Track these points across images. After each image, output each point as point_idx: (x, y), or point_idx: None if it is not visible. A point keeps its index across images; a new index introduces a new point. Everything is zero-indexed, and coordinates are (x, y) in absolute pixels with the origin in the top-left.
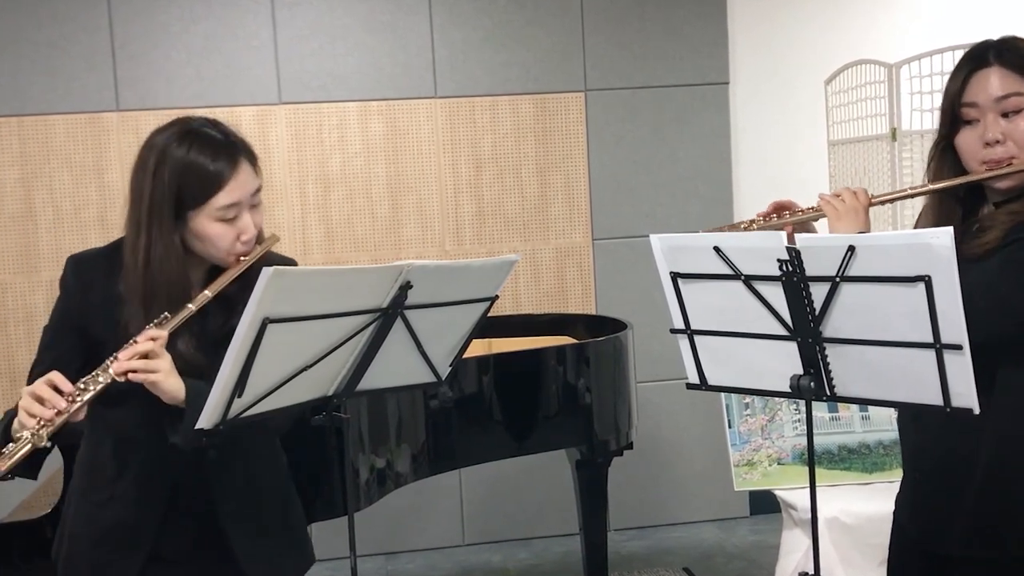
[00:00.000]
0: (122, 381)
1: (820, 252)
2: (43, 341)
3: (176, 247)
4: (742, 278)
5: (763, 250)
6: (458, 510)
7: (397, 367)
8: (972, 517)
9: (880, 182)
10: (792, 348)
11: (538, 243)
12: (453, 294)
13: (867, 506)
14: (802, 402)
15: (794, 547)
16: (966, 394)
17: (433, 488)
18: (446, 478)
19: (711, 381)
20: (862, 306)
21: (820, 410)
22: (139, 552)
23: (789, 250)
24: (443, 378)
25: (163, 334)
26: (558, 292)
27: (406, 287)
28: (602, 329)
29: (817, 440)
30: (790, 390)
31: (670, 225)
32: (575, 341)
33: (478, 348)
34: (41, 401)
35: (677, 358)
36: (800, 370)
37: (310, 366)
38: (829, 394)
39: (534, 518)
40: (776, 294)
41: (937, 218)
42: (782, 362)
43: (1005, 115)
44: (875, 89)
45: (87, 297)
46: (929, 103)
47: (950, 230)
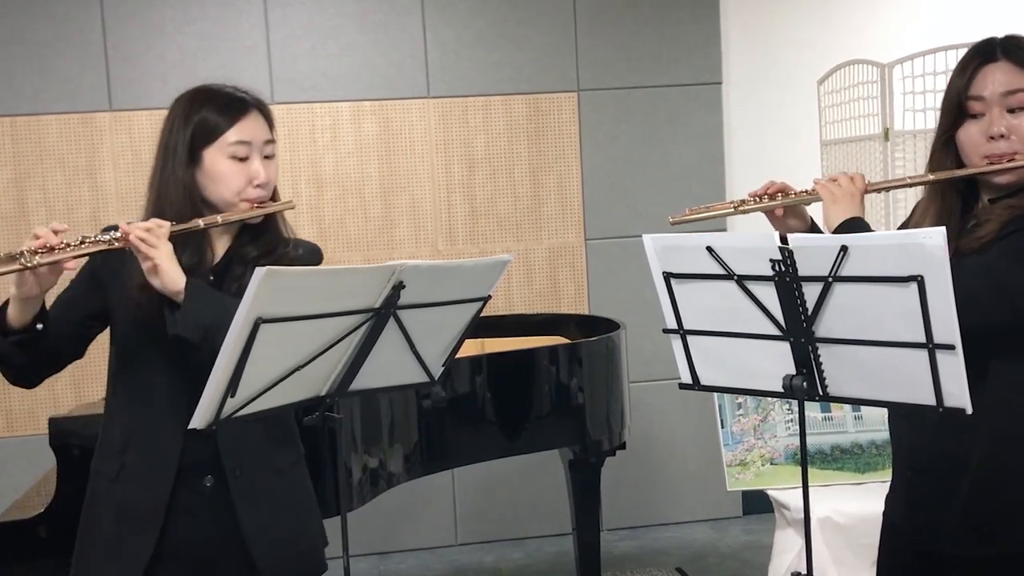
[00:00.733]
0: (119, 246)
1: (813, 252)
2: (60, 293)
3: (187, 184)
4: (735, 278)
5: (756, 250)
6: (451, 510)
7: (390, 367)
8: (965, 515)
9: (873, 180)
10: (785, 348)
11: (531, 243)
12: (446, 294)
13: (860, 506)
14: (795, 402)
15: (787, 547)
16: (958, 394)
17: (426, 488)
18: (439, 478)
19: (704, 381)
20: (855, 306)
21: (813, 410)
22: (150, 533)
23: (782, 250)
24: (436, 378)
25: (166, 223)
26: (551, 292)
27: (399, 287)
28: (595, 329)
29: (810, 440)
30: (783, 390)
31: (663, 225)
32: (568, 341)
33: (471, 348)
34: (36, 236)
35: (670, 358)
36: (793, 370)
37: (303, 366)
38: (822, 394)
39: (527, 518)
40: (769, 294)
41: (937, 210)
42: (775, 362)
43: (1011, 111)
44: (868, 89)
45: (109, 260)
46: (922, 103)
47: (942, 230)
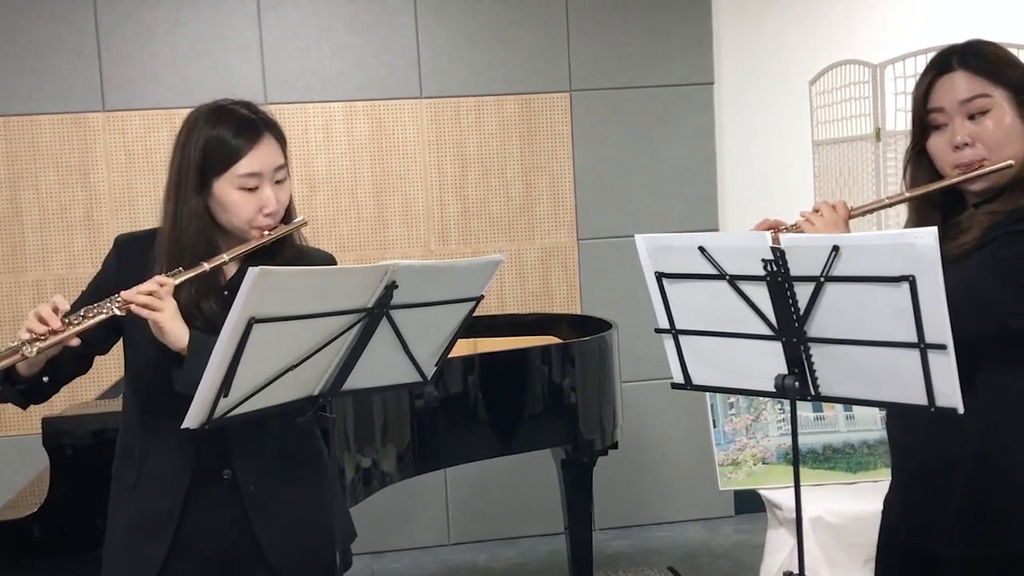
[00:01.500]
0: (122, 314)
1: (805, 252)
2: (74, 303)
3: (200, 211)
4: (727, 278)
5: (748, 250)
6: (444, 509)
7: (383, 367)
8: (960, 516)
9: (864, 182)
10: (777, 348)
11: (523, 243)
12: (438, 294)
13: (852, 505)
14: (787, 402)
15: (779, 546)
16: (950, 394)
17: (419, 488)
18: (432, 478)
19: (696, 381)
20: (846, 306)
21: (804, 410)
22: (165, 536)
23: (774, 250)
24: (428, 378)
25: (170, 281)
26: (543, 292)
27: (391, 287)
28: (587, 329)
29: (802, 440)
30: (775, 390)
31: (655, 225)
32: (560, 341)
33: (464, 348)
34: (40, 319)
35: (662, 358)
36: (785, 370)
37: (296, 366)
38: (813, 394)
39: (519, 517)
40: (761, 294)
41: (917, 225)
42: (767, 362)
43: (971, 117)
44: (859, 89)
45: (120, 272)
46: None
47: (934, 230)
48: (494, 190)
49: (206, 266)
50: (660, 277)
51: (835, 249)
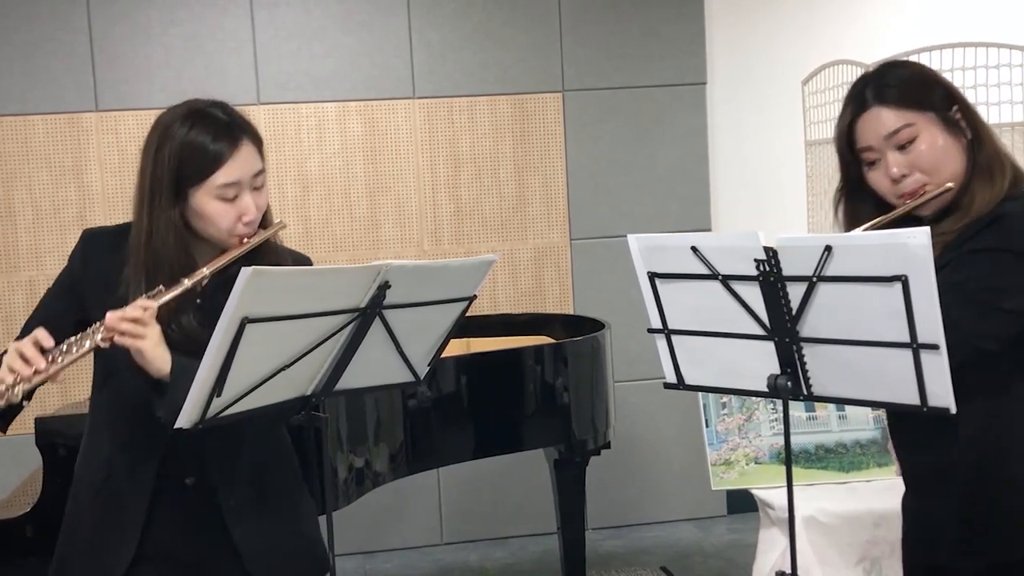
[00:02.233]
0: (106, 346)
1: (797, 252)
2: (41, 300)
3: (176, 223)
4: (719, 278)
5: (740, 250)
6: (436, 509)
7: (375, 367)
8: (960, 526)
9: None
10: (769, 348)
11: (516, 243)
12: (431, 294)
13: (844, 505)
14: (779, 401)
15: (771, 546)
16: (942, 394)
17: (411, 487)
18: (424, 477)
19: (688, 381)
20: (839, 306)
21: (797, 409)
22: (131, 537)
23: (766, 250)
24: (421, 378)
25: (153, 304)
26: (536, 292)
27: (384, 287)
28: (580, 329)
29: (794, 439)
30: (767, 389)
31: (648, 225)
32: (553, 341)
33: (456, 348)
34: (24, 358)
35: (654, 358)
36: (777, 369)
37: (288, 366)
38: (806, 394)
39: (512, 517)
40: (753, 294)
41: None
42: (759, 362)
43: (901, 147)
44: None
45: (88, 269)
46: None
47: (927, 230)
48: (487, 190)
49: (187, 283)
50: (653, 277)
51: (828, 249)
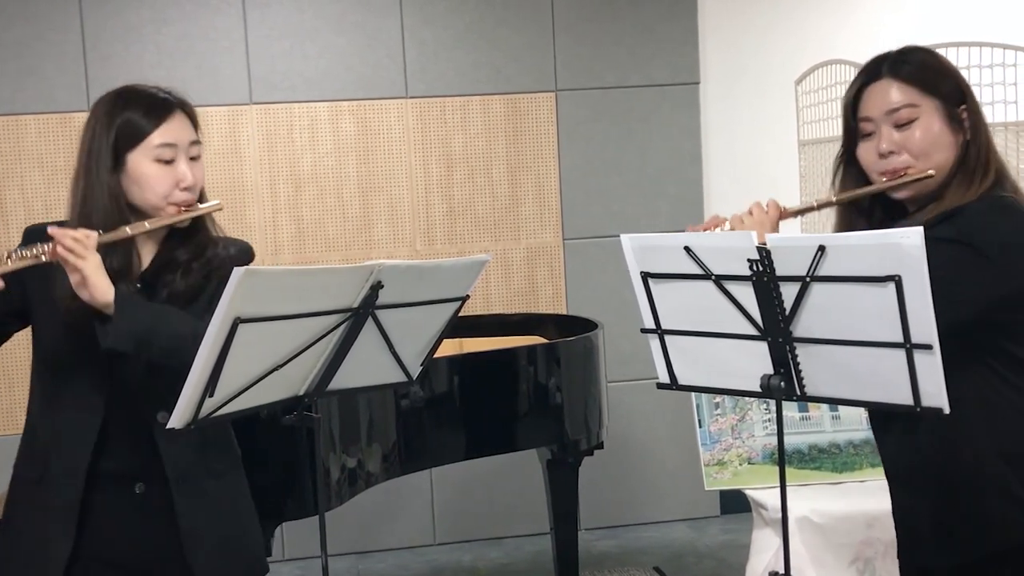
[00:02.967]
0: (49, 259)
1: (790, 252)
2: None
3: (113, 187)
4: (712, 278)
5: (733, 250)
6: (429, 509)
7: (368, 367)
8: (936, 526)
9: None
10: (762, 348)
11: (509, 243)
12: (424, 294)
13: (837, 505)
14: (772, 402)
15: (764, 546)
16: (936, 394)
17: (404, 488)
18: (417, 478)
19: (681, 381)
20: (832, 306)
21: (790, 410)
22: (68, 535)
23: (759, 250)
24: (414, 378)
25: (94, 234)
26: (529, 292)
27: (377, 287)
28: (573, 329)
29: (787, 440)
30: (760, 390)
31: (641, 225)
32: (546, 341)
33: (449, 348)
34: None
35: (647, 358)
36: (770, 370)
37: (281, 366)
38: (799, 394)
39: (505, 518)
40: (746, 294)
41: (842, 229)
42: (752, 362)
43: (899, 126)
44: (845, 89)
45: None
46: None
47: (920, 230)
48: (480, 190)
49: (128, 230)
50: (646, 277)
51: (821, 249)
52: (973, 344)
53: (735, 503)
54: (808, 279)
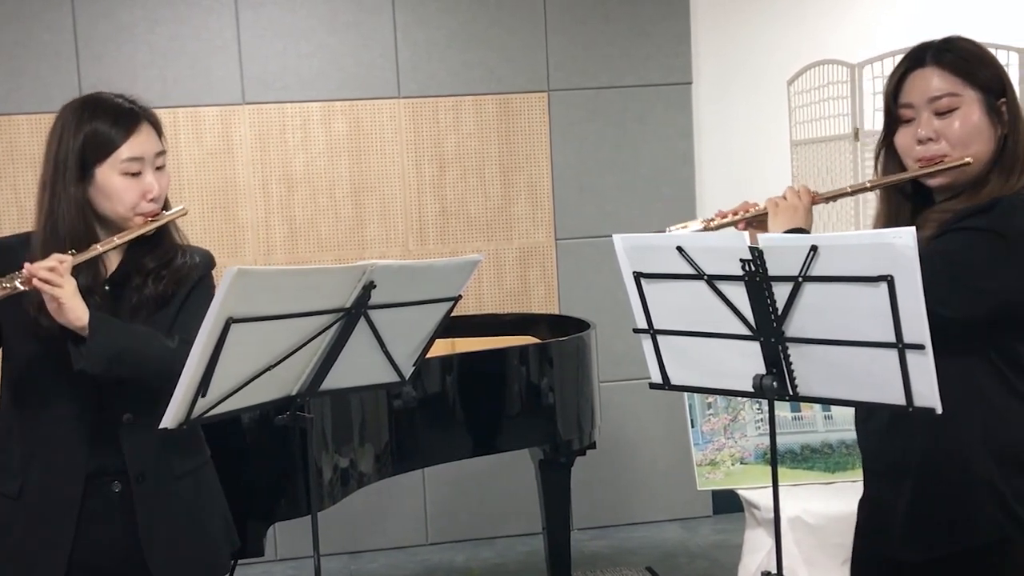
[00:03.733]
0: (26, 287)
1: (783, 252)
2: None
3: (80, 199)
4: (705, 278)
5: (726, 250)
6: (421, 509)
7: (361, 367)
8: (910, 519)
9: (843, 182)
10: (755, 348)
11: (501, 243)
12: (416, 294)
13: (830, 505)
14: (765, 402)
15: (757, 546)
16: (928, 394)
17: (396, 488)
18: (409, 477)
19: (674, 381)
20: (825, 306)
21: (783, 410)
22: (63, 546)
23: (752, 250)
24: (406, 378)
25: (68, 258)
26: (521, 292)
27: (369, 287)
28: (565, 329)
29: (780, 440)
30: (753, 390)
31: (633, 225)
32: (538, 341)
33: (441, 348)
34: None
35: (640, 358)
36: (763, 370)
37: (274, 366)
38: (792, 394)
39: (497, 517)
40: (739, 294)
41: (886, 216)
42: (745, 362)
43: (938, 114)
44: (838, 89)
45: None
46: None
47: (912, 230)
48: (472, 190)
49: (99, 248)
50: (638, 277)
51: (813, 249)
52: (981, 338)
53: (727, 503)
54: (801, 279)
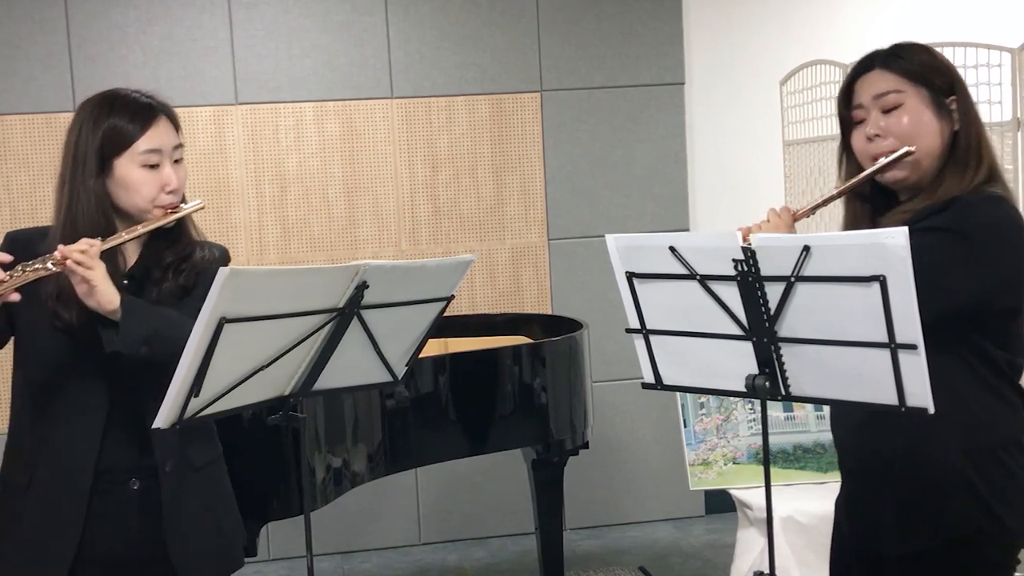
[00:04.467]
0: (58, 269)
1: (775, 252)
2: None
3: (99, 192)
4: (697, 278)
5: (718, 250)
6: (414, 509)
7: (353, 367)
8: (895, 514)
9: (835, 182)
10: (747, 348)
11: (494, 243)
12: (409, 294)
13: (822, 505)
14: (757, 401)
15: (749, 546)
16: (921, 394)
17: (389, 487)
18: (402, 477)
19: (666, 381)
20: (817, 306)
21: (775, 410)
22: (70, 539)
23: (744, 250)
24: (399, 378)
25: (97, 242)
26: (514, 292)
27: (362, 287)
28: (558, 329)
29: (772, 439)
30: (745, 390)
31: (626, 225)
32: (531, 341)
33: (434, 348)
34: None
35: (632, 358)
36: (755, 370)
37: (267, 366)
38: (784, 394)
39: (490, 517)
40: (731, 294)
41: (848, 222)
42: (737, 362)
43: (885, 111)
44: (830, 89)
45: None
46: None
47: (904, 230)
48: (465, 190)
49: (124, 235)
50: (631, 277)
51: (806, 249)
52: (951, 336)
53: (720, 503)
54: (793, 279)
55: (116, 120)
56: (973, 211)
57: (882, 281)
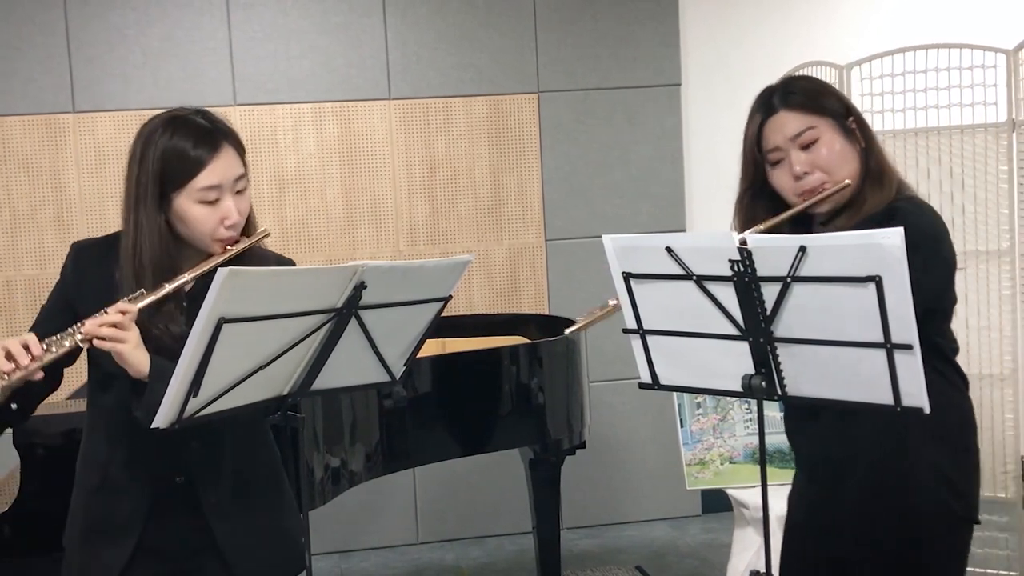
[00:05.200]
0: (86, 346)
1: (771, 252)
2: (37, 317)
3: (160, 228)
4: (694, 278)
5: (715, 250)
6: (412, 509)
7: (352, 367)
8: (856, 519)
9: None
10: (744, 348)
11: (491, 243)
12: (407, 294)
13: None
14: (754, 401)
15: (746, 545)
16: (916, 394)
17: (387, 487)
18: (400, 477)
19: (663, 381)
20: (813, 306)
21: (772, 409)
22: (127, 541)
23: (740, 250)
24: (397, 378)
25: (133, 308)
26: (511, 292)
27: (360, 287)
28: (555, 329)
29: (769, 439)
30: (742, 390)
31: (623, 226)
32: (528, 341)
33: (432, 348)
34: (8, 356)
35: (629, 358)
36: (752, 370)
37: (265, 366)
38: (780, 394)
39: (487, 517)
40: (728, 294)
41: None
42: (734, 362)
43: (804, 148)
44: None
45: (81, 282)
46: (880, 105)
47: (900, 231)
48: (462, 191)
49: (168, 287)
50: (628, 277)
51: (802, 250)
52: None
53: (716, 502)
54: (789, 279)
55: (177, 150)
56: (914, 219)
57: (878, 281)
